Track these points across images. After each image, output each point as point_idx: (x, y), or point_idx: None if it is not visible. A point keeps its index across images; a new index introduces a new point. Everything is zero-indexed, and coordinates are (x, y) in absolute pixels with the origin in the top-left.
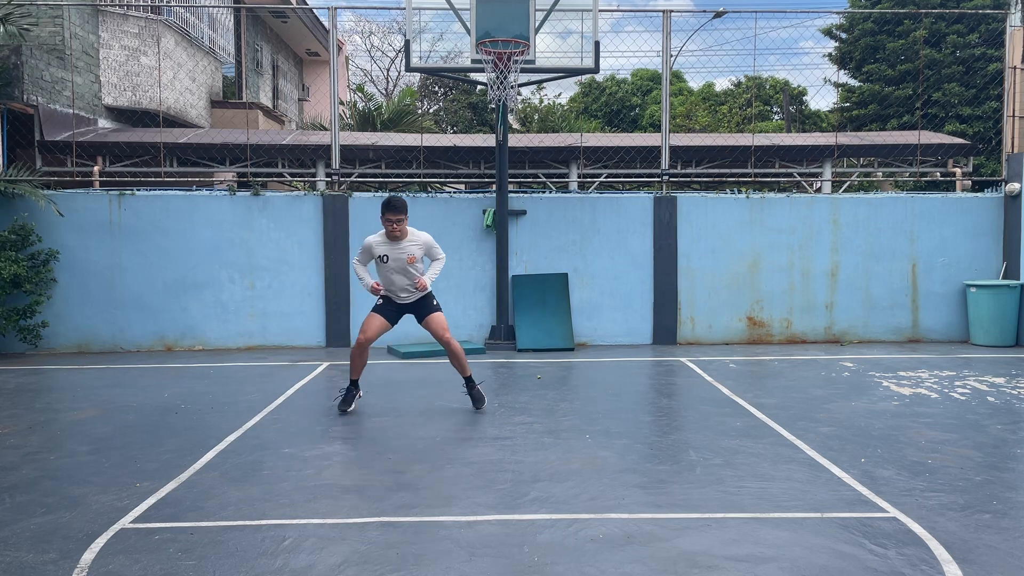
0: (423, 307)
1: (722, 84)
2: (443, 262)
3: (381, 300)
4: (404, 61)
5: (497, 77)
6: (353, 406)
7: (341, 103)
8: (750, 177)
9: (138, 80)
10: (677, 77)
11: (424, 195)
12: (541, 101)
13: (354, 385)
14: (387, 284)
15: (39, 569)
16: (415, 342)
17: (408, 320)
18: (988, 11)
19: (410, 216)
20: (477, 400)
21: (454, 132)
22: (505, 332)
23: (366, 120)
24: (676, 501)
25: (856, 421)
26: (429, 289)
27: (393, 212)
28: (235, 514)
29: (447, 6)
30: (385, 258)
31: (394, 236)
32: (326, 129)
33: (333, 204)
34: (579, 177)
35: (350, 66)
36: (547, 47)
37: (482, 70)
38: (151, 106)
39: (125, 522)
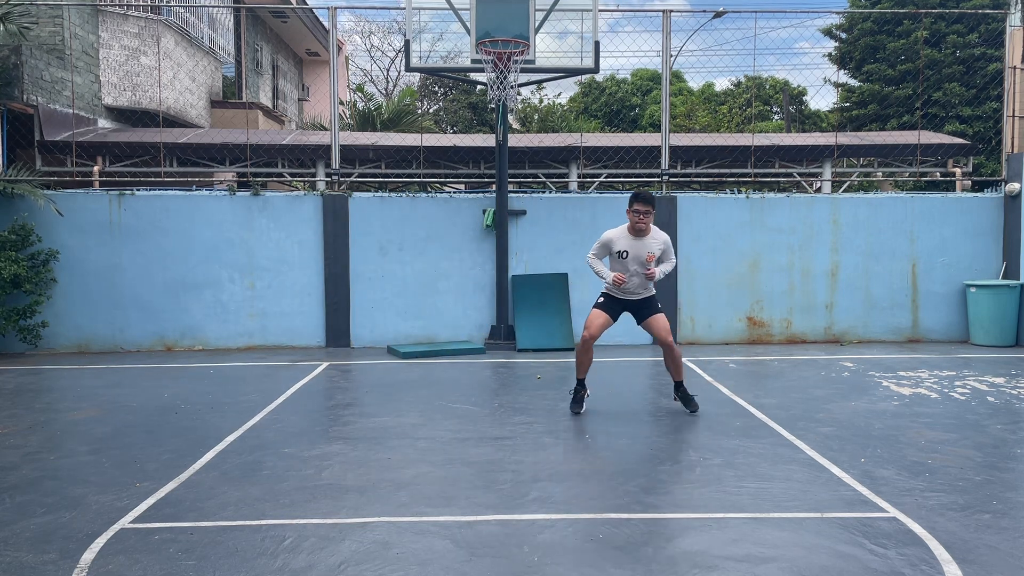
0: (647, 308)
1: (722, 84)
2: (673, 264)
3: (603, 297)
4: (404, 61)
5: (497, 77)
6: (584, 407)
7: (341, 103)
8: (750, 177)
9: (138, 80)
10: (677, 77)
11: (424, 195)
12: (541, 101)
13: (581, 385)
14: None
15: (39, 569)
16: (415, 342)
17: (410, 321)
18: (988, 11)
19: (410, 216)
20: (689, 403)
21: (454, 132)
22: (505, 332)
23: (366, 120)
24: (676, 501)
25: (856, 421)
26: (657, 280)
27: (642, 203)
28: (235, 514)
29: (447, 6)
30: (625, 253)
31: (638, 230)
32: (326, 129)
33: (333, 204)
34: (579, 177)
35: (350, 66)
36: (547, 47)
37: (482, 70)
38: (151, 106)
39: (125, 522)
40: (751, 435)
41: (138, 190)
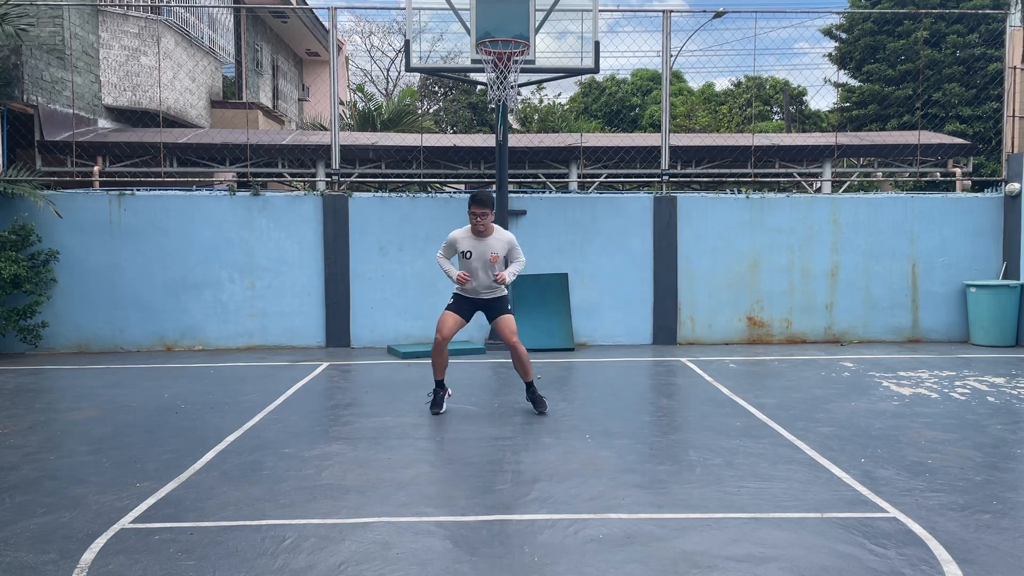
0: (496, 307)
1: (722, 84)
2: (522, 264)
3: (453, 299)
4: (404, 61)
5: (497, 77)
6: (444, 407)
7: (341, 103)
8: (750, 177)
9: (138, 80)
10: (677, 77)
11: (424, 195)
12: (541, 101)
13: (440, 386)
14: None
15: (39, 569)
16: (415, 342)
17: (410, 321)
18: (988, 11)
19: (410, 216)
20: (538, 403)
21: (454, 132)
22: None
23: (366, 120)
24: (676, 501)
25: (856, 421)
26: (508, 284)
27: (478, 205)
28: (235, 514)
29: (447, 6)
30: (468, 254)
31: (478, 231)
32: (326, 129)
33: (333, 204)
34: (579, 177)
35: (350, 66)
36: (547, 47)
37: (482, 70)
38: (151, 106)
39: (125, 522)
40: (751, 435)
41: (138, 190)
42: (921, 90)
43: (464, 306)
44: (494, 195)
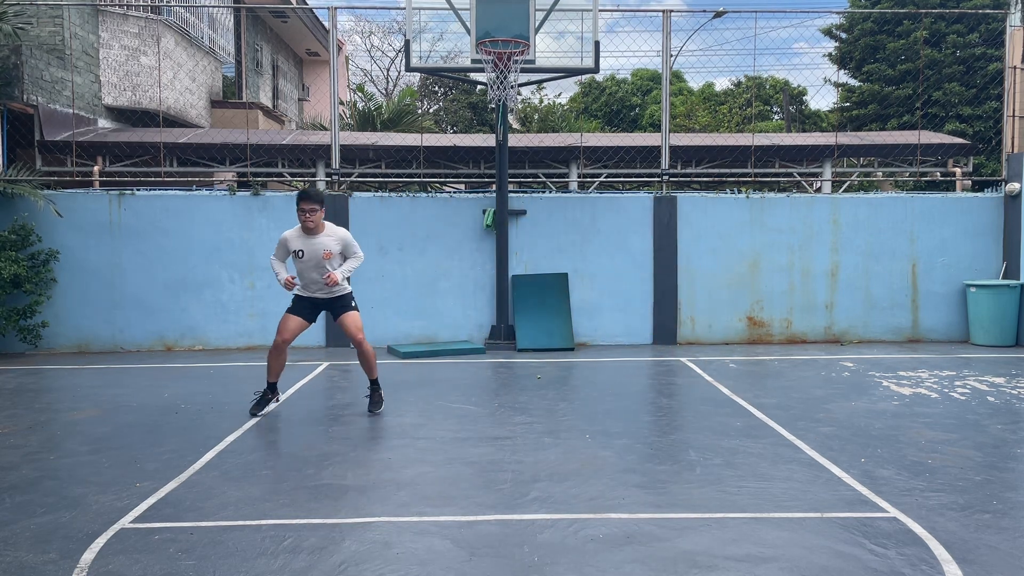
0: (339, 305)
1: (722, 84)
2: (360, 260)
3: (293, 300)
4: (404, 61)
5: (497, 77)
6: (267, 409)
7: (341, 103)
8: (750, 177)
9: (138, 80)
10: (677, 77)
11: (424, 195)
12: (541, 101)
13: (271, 389)
14: (303, 280)
15: (39, 569)
16: (415, 342)
17: (410, 321)
18: (988, 11)
19: (410, 216)
20: (375, 403)
21: (454, 132)
22: (505, 332)
23: (366, 120)
24: (676, 501)
25: (856, 421)
26: (340, 283)
27: (307, 201)
28: (235, 514)
29: (447, 6)
30: (301, 252)
31: (308, 228)
32: (326, 129)
33: (333, 204)
34: (579, 177)
35: (350, 66)
36: (547, 47)
37: (482, 70)
38: (151, 106)
39: (125, 522)
40: (751, 435)
41: (138, 190)
42: (921, 90)
43: (304, 307)
44: (323, 192)
